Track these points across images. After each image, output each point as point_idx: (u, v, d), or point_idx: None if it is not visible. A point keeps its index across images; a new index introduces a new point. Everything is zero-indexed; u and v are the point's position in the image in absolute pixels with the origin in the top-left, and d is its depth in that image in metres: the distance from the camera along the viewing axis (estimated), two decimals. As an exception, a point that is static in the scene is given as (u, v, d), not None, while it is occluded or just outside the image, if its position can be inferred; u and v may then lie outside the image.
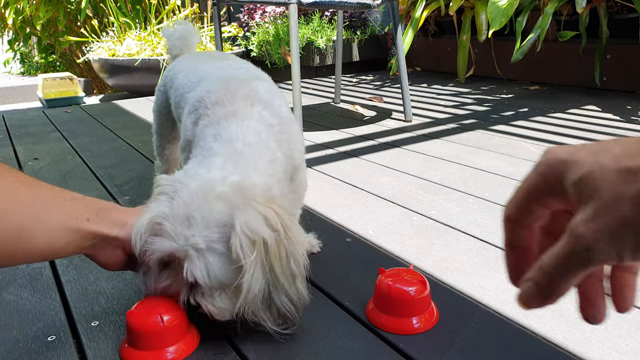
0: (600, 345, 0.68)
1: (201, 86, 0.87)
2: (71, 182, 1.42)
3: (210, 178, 0.66)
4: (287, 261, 0.65)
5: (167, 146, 1.17)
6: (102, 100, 3.52)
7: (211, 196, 0.63)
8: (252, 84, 0.82)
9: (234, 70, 0.94)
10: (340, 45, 2.38)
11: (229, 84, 0.82)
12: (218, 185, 0.64)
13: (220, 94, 0.80)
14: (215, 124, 0.76)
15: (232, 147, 0.72)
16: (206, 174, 0.67)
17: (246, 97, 0.79)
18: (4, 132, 2.12)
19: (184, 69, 1.01)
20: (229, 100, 0.78)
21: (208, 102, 0.80)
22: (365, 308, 0.77)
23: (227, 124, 0.75)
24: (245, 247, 0.61)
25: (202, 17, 3.91)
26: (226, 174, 0.66)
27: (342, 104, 2.49)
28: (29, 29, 4.55)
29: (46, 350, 0.70)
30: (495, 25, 2.31)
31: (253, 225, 0.62)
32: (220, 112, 0.77)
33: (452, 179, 1.36)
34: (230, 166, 0.69)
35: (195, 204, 0.63)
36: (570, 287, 0.36)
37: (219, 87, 0.81)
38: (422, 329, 0.71)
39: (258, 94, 0.80)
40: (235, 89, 0.80)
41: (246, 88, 0.81)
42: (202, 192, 0.64)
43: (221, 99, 0.79)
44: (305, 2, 1.72)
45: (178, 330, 0.67)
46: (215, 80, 0.85)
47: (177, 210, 0.63)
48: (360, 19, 3.68)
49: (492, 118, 2.06)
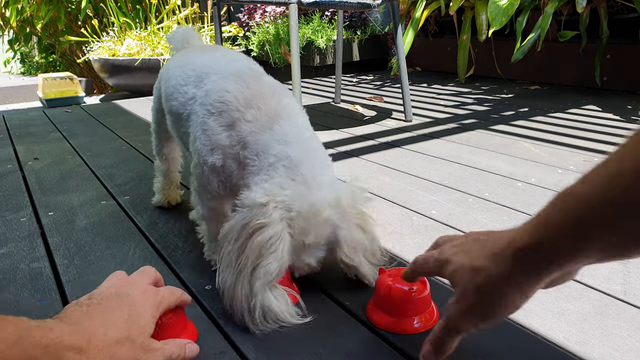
0: (601, 345, 0.68)
1: (211, 84, 0.86)
2: (71, 182, 1.42)
3: (315, 201, 0.73)
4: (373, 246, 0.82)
5: (166, 145, 1.17)
6: (102, 100, 3.52)
7: (320, 221, 0.74)
8: (263, 79, 0.87)
9: (234, 62, 0.93)
10: (340, 45, 2.38)
11: (245, 82, 0.83)
12: (324, 210, 0.74)
13: (245, 94, 0.81)
14: (268, 130, 0.78)
15: (303, 148, 0.77)
16: (309, 195, 0.73)
17: (272, 93, 0.83)
18: (4, 132, 2.12)
19: (176, 61, 1.01)
20: (258, 99, 0.81)
21: (237, 104, 0.80)
22: (366, 308, 0.77)
23: (281, 126, 0.78)
24: (352, 256, 0.79)
25: (202, 16, 3.91)
26: (324, 194, 0.74)
27: (342, 104, 2.49)
28: (29, 28, 4.55)
29: (46, 350, 0.70)
30: (496, 24, 2.31)
31: (356, 237, 0.78)
32: (262, 115, 0.79)
33: (452, 178, 1.36)
34: (317, 174, 0.75)
35: (311, 235, 0.74)
36: (454, 346, 0.57)
37: (238, 86, 0.82)
38: (422, 329, 0.71)
39: (276, 87, 0.85)
40: (256, 86, 0.83)
41: (262, 83, 0.85)
42: (314, 219, 0.73)
43: (250, 99, 0.80)
44: (306, 2, 1.72)
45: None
46: (225, 77, 0.85)
47: (298, 239, 0.73)
48: (361, 19, 3.68)
49: (493, 118, 2.06)
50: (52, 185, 1.40)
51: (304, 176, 0.74)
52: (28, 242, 1.05)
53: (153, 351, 0.58)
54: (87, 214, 1.18)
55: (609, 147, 1.59)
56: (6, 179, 1.48)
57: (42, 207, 1.23)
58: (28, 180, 1.46)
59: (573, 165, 1.43)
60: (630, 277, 0.84)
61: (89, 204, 1.25)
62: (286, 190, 0.72)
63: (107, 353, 0.53)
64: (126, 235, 1.06)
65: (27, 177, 1.49)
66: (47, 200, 1.28)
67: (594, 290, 0.81)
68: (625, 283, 0.82)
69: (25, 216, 1.19)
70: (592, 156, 1.51)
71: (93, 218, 1.16)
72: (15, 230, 1.11)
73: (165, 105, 1.01)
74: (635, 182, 0.39)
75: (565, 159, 1.49)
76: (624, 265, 0.88)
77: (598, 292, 0.80)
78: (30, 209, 1.23)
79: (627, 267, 0.87)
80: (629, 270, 0.86)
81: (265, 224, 0.70)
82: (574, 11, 2.45)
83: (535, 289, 0.49)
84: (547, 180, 1.32)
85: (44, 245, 1.03)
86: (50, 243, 1.04)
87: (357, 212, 0.79)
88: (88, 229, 1.10)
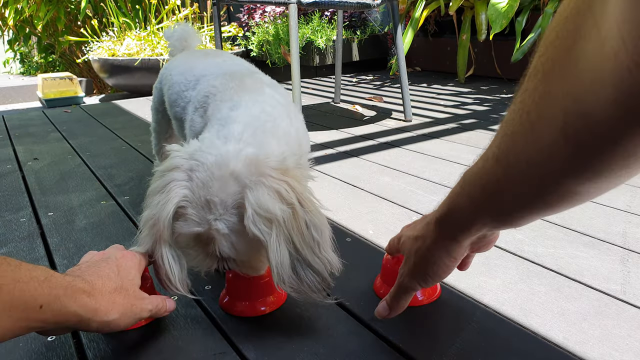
0: (600, 345, 0.68)
1: (203, 84, 0.87)
2: (71, 182, 1.42)
3: (224, 153, 0.64)
4: (309, 232, 0.64)
5: (165, 144, 1.17)
6: (101, 100, 3.52)
7: (226, 176, 0.63)
8: (255, 75, 0.86)
9: (232, 66, 0.94)
10: (340, 45, 2.38)
11: (233, 77, 0.83)
12: (232, 162, 0.64)
13: (227, 85, 0.80)
14: (228, 100, 0.75)
15: (249, 113, 0.71)
16: (222, 146, 0.65)
17: (254, 81, 0.81)
18: (4, 132, 2.12)
19: (179, 66, 1.01)
20: (238, 86, 0.78)
21: (216, 93, 0.80)
22: (373, 284, 0.82)
23: (240, 97, 0.74)
24: (262, 227, 0.62)
25: (202, 16, 3.91)
26: (242, 147, 0.66)
27: (342, 104, 2.49)
28: (29, 28, 4.55)
29: (46, 350, 0.70)
30: (496, 27, 2.31)
31: (265, 204, 0.61)
32: (232, 92, 0.77)
33: (452, 178, 1.36)
34: (248, 134, 0.68)
35: (213, 187, 0.63)
36: (406, 305, 0.68)
37: (224, 81, 0.82)
38: (425, 301, 0.77)
39: (264, 80, 0.84)
40: (241, 78, 0.81)
41: (251, 77, 0.83)
42: (217, 171, 0.63)
43: (230, 87, 0.79)
44: (305, 2, 1.72)
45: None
46: (217, 76, 0.86)
47: (197, 193, 0.64)
48: (360, 19, 3.68)
49: (492, 118, 2.06)
50: (51, 185, 1.40)
51: (230, 132, 0.68)
52: (28, 242, 1.05)
53: (144, 299, 0.67)
54: (87, 214, 1.18)
55: (609, 147, 1.59)
56: (6, 179, 1.48)
57: (42, 208, 1.23)
58: (28, 180, 1.46)
59: (573, 165, 1.43)
60: (630, 277, 0.84)
61: (89, 204, 1.25)
62: (200, 143, 0.67)
63: (109, 299, 0.60)
64: (126, 236, 1.06)
65: (27, 177, 1.48)
66: (47, 200, 1.28)
67: (594, 290, 0.81)
68: (625, 283, 0.83)
69: (25, 216, 1.19)
70: (591, 156, 1.51)
71: (93, 218, 1.16)
72: (15, 230, 1.11)
73: (170, 112, 1.02)
74: (493, 165, 0.46)
75: (564, 159, 1.49)
76: (623, 265, 0.88)
77: (598, 292, 0.80)
78: (30, 209, 1.23)
79: (626, 267, 0.87)
80: (628, 270, 0.86)
81: (161, 172, 0.66)
82: (573, 11, 2.45)
83: (458, 251, 0.59)
84: (547, 180, 1.31)
85: (43, 245, 1.03)
86: (50, 243, 1.04)
87: (284, 180, 0.64)
88: (88, 229, 1.10)
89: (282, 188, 0.63)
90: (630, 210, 1.11)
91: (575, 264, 0.89)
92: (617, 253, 0.93)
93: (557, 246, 0.96)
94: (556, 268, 0.88)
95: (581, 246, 0.96)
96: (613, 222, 1.06)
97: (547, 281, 0.84)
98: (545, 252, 0.94)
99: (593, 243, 0.97)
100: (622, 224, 1.04)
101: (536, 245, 0.96)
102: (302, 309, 0.77)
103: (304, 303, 0.78)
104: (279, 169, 0.64)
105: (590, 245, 0.96)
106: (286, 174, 0.64)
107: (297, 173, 0.66)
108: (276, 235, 0.62)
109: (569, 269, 0.88)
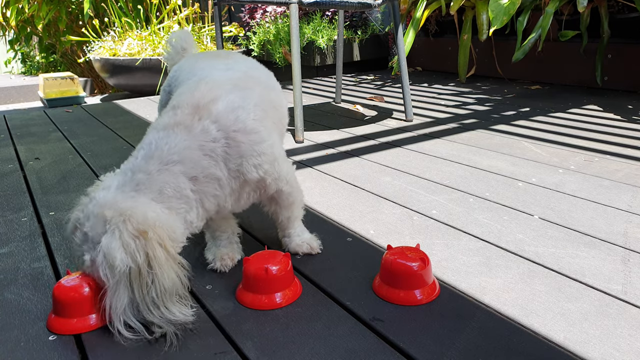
0: (601, 345, 0.68)
1: (184, 87, 0.89)
2: (72, 182, 1.42)
3: (106, 201, 0.73)
4: (148, 290, 0.70)
5: None
6: (103, 100, 3.53)
7: (100, 218, 0.72)
8: (216, 92, 0.81)
9: (222, 71, 0.92)
10: (341, 45, 2.38)
11: (197, 89, 0.83)
12: (107, 210, 0.72)
13: (182, 98, 0.82)
14: (154, 131, 0.80)
15: (147, 167, 0.76)
16: (106, 194, 0.75)
17: (199, 107, 0.79)
18: (5, 132, 2.13)
19: (186, 67, 1.01)
20: (182, 108, 0.80)
21: (173, 103, 0.83)
22: (373, 283, 0.83)
23: (160, 136, 0.79)
24: (107, 270, 0.70)
25: (202, 16, 3.91)
26: (119, 199, 0.73)
27: (343, 104, 2.49)
28: (30, 28, 4.56)
29: (47, 350, 0.71)
30: (497, 23, 2.31)
31: (111, 253, 0.70)
32: (168, 119, 0.80)
33: (453, 178, 1.36)
34: (131, 189, 0.75)
35: (89, 224, 0.73)
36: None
37: (187, 91, 0.84)
38: (425, 301, 0.78)
39: (215, 106, 0.80)
40: (199, 96, 0.81)
41: (208, 96, 0.81)
42: (96, 213, 0.73)
43: (179, 104, 0.81)
44: (306, 1, 1.72)
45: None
46: (194, 82, 0.87)
47: (82, 222, 0.74)
48: (361, 19, 3.68)
49: (493, 118, 2.06)
50: (53, 185, 1.41)
51: (120, 187, 0.76)
52: (29, 241, 1.05)
53: None
54: (88, 214, 1.18)
55: (610, 147, 1.59)
56: (7, 178, 1.48)
57: (43, 207, 1.23)
58: (29, 180, 1.46)
59: (574, 165, 1.43)
60: (631, 277, 0.84)
61: (90, 203, 1.25)
62: (104, 184, 0.79)
63: None
64: (127, 235, 1.06)
65: (28, 177, 1.49)
66: (48, 200, 1.29)
67: (595, 290, 0.81)
68: (626, 283, 0.82)
69: (26, 216, 1.19)
70: (592, 156, 1.51)
71: (94, 218, 1.16)
72: (16, 230, 1.11)
73: None
74: None
75: (566, 159, 1.49)
76: (624, 265, 0.88)
77: (599, 291, 0.80)
78: (31, 209, 1.23)
79: (627, 267, 0.87)
80: (629, 270, 0.86)
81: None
82: (574, 11, 2.45)
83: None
84: (548, 180, 1.31)
85: (45, 245, 1.03)
86: (51, 243, 1.04)
87: (140, 231, 0.71)
88: (89, 229, 1.10)
89: (132, 244, 0.70)
90: (631, 210, 1.11)
91: (576, 264, 0.89)
92: (618, 253, 0.92)
93: (558, 246, 0.96)
94: (557, 268, 0.88)
95: (582, 246, 0.96)
96: (614, 222, 1.06)
97: (548, 281, 0.84)
98: (546, 252, 0.93)
99: (594, 243, 0.97)
100: (623, 224, 1.04)
101: (537, 245, 0.96)
102: (302, 309, 0.77)
103: (304, 303, 0.78)
104: (139, 225, 0.71)
105: (591, 245, 0.96)
106: (145, 232, 0.71)
107: (159, 231, 0.72)
108: (116, 280, 0.70)
109: (570, 269, 0.88)
